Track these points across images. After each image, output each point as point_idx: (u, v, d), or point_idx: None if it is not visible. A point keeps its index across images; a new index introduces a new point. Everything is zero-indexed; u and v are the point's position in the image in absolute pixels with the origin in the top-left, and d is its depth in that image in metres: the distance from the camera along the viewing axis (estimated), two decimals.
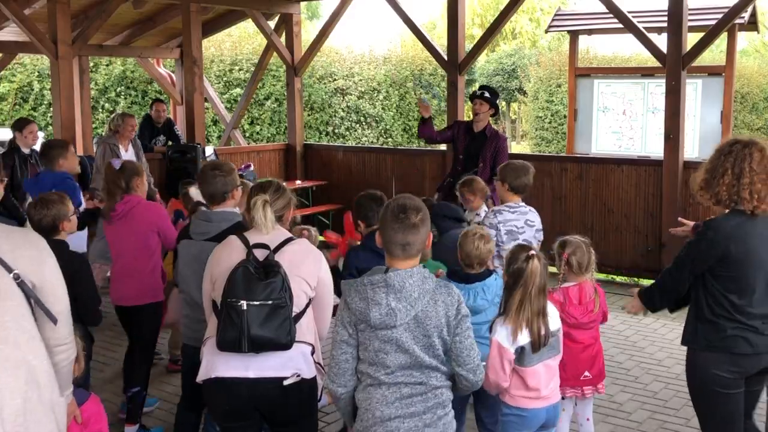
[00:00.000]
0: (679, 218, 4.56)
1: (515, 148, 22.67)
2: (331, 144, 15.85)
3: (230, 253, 3.44)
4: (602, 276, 8.72)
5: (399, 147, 17.22)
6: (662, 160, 8.05)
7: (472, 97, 7.52)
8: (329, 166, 10.69)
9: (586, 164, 8.74)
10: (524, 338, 3.51)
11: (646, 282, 8.40)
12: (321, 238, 5.84)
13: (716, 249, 3.41)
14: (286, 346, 3.30)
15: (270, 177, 10.27)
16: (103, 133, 9.68)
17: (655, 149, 9.20)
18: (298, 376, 3.28)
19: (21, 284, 2.49)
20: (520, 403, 3.60)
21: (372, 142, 18.11)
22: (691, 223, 4.23)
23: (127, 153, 8.03)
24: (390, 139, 18.66)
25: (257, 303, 3.24)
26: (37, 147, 7.66)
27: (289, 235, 3.56)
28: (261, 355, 3.30)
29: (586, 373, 4.27)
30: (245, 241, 3.45)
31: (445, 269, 4.36)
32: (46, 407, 2.50)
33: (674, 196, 7.94)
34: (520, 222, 4.97)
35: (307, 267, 3.46)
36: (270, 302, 3.25)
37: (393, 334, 2.86)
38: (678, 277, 3.58)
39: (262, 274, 3.30)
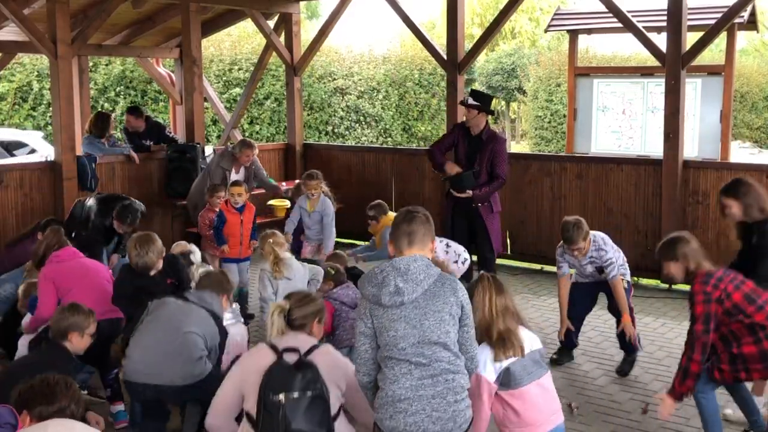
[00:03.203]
0: None
1: (515, 147, 22.68)
2: (331, 143, 15.84)
3: (258, 360, 3.46)
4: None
5: (399, 147, 17.21)
6: (662, 160, 8.05)
7: (461, 103, 7.45)
8: (329, 166, 10.67)
9: (586, 164, 8.73)
10: (508, 359, 3.49)
11: (646, 281, 8.40)
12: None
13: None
14: None
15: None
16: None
17: (655, 149, 9.19)
18: None
19: None
20: None
21: (372, 141, 18.11)
22: None
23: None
24: (390, 139, 18.66)
25: (296, 395, 3.26)
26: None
27: (315, 341, 3.59)
28: None
29: None
30: (273, 347, 3.49)
31: None
32: None
33: (674, 196, 7.94)
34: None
35: (335, 371, 3.48)
36: (309, 393, 3.28)
37: (402, 312, 3.10)
38: None
39: (296, 368, 3.33)
